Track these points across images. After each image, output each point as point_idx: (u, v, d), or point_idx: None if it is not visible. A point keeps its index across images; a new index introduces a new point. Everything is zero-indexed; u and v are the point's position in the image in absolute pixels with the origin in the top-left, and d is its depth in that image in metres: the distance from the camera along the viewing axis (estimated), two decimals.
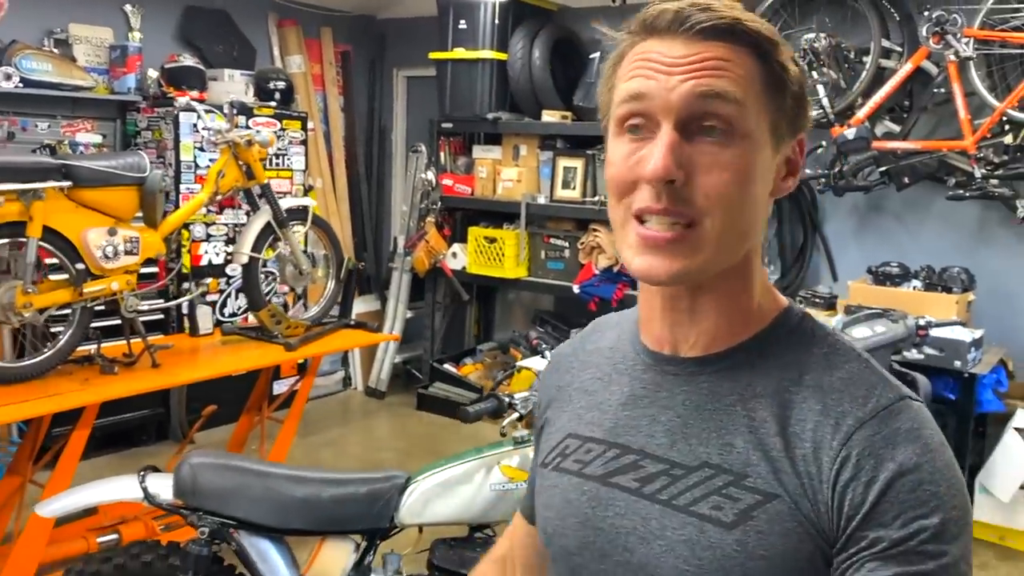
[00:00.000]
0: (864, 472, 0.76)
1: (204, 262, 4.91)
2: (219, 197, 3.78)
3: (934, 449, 0.78)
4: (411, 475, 2.30)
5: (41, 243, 3.08)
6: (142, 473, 2.22)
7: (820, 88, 4.42)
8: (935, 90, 4.26)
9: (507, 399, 2.27)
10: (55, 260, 3.24)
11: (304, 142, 5.37)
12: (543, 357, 2.57)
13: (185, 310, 4.43)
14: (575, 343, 1.07)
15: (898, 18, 4.38)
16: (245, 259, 3.79)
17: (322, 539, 2.26)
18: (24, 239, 3.05)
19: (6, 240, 3.07)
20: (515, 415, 2.26)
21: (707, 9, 0.81)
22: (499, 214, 5.50)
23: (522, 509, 1.12)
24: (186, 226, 4.64)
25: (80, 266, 3.22)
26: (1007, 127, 4.08)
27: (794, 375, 0.84)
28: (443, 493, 2.27)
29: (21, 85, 4.30)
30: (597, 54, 5.09)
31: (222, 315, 5.00)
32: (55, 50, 4.59)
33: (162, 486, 2.20)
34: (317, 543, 2.27)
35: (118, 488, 2.28)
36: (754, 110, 0.81)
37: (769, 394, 0.83)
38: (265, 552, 2.22)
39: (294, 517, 2.21)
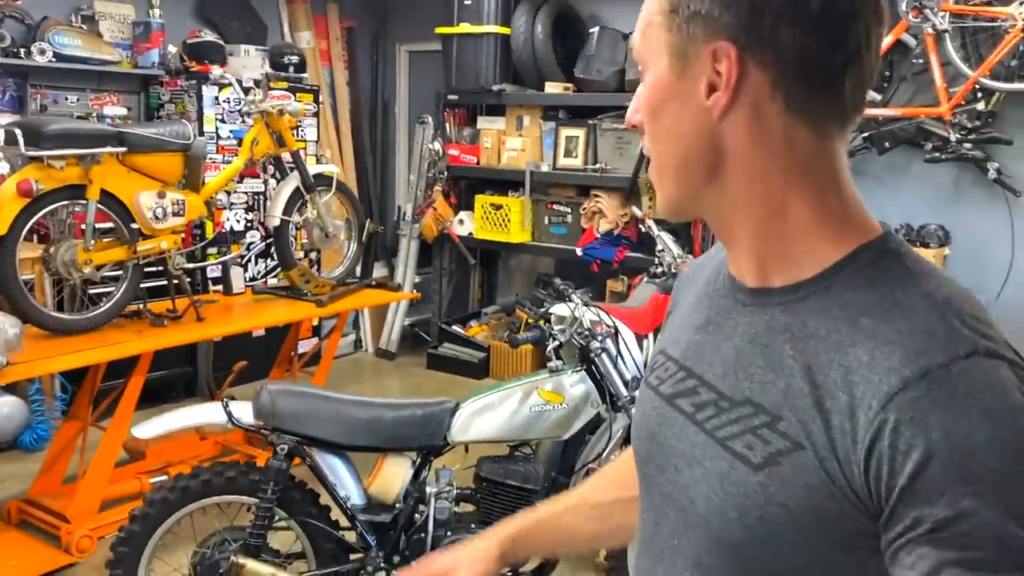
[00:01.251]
0: (903, 440, 0.68)
1: (226, 228, 5.16)
2: (253, 163, 4.05)
3: (998, 416, 0.67)
4: (460, 400, 2.61)
5: (99, 205, 3.34)
6: (225, 400, 2.50)
7: None
8: (914, 60, 4.58)
9: (548, 329, 2.57)
10: (108, 223, 3.51)
11: (316, 114, 5.62)
12: (570, 300, 2.87)
13: (214, 273, 4.71)
14: (706, 256, 1.02)
15: None
16: (277, 221, 4.06)
17: (383, 456, 2.56)
18: (83, 201, 3.31)
19: (66, 202, 3.33)
20: (555, 343, 2.56)
21: None
22: (504, 182, 5.79)
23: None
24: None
25: (133, 226, 3.48)
26: (980, 94, 4.42)
27: (853, 317, 0.75)
28: (488, 414, 2.58)
29: (54, 59, 4.52)
30: (596, 28, 5.36)
31: (244, 279, 5.25)
32: (83, 26, 4.80)
33: (243, 411, 2.49)
34: (379, 460, 2.57)
35: (205, 412, 2.57)
36: (650, 45, 0.82)
37: (820, 336, 0.76)
38: (334, 466, 2.53)
39: (359, 436, 2.51)
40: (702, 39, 0.77)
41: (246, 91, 4.15)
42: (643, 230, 4.79)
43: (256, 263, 5.37)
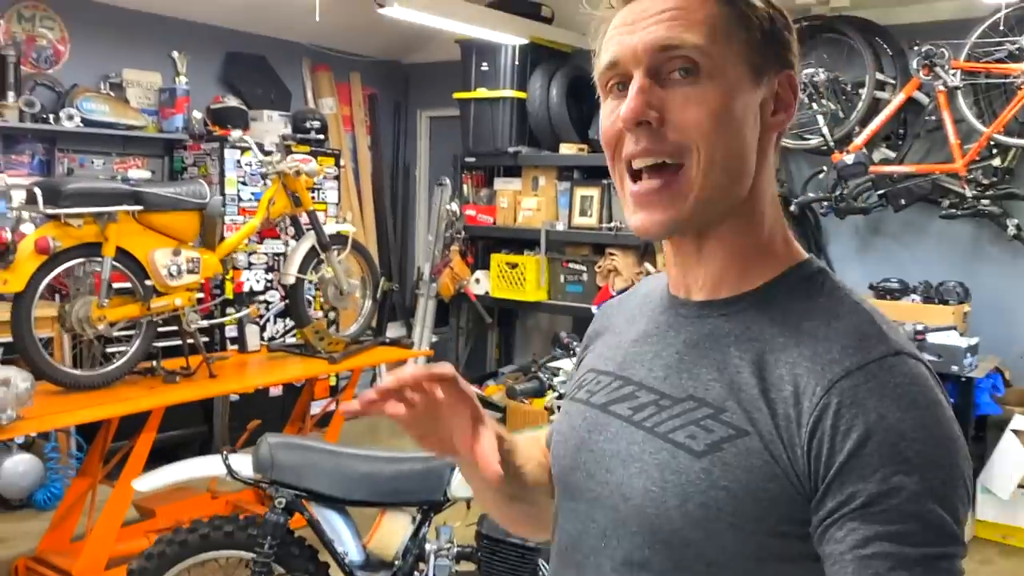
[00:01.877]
0: (843, 421, 0.75)
1: (245, 288, 5.23)
2: (270, 223, 4.12)
3: (924, 406, 0.75)
4: None
5: (114, 262, 3.41)
6: (225, 452, 2.50)
7: (820, 118, 4.76)
8: (927, 118, 4.59)
9: (547, 381, 2.55)
10: (126, 284, 3.56)
11: (337, 177, 5.72)
12: (573, 355, 2.86)
13: (232, 332, 4.76)
14: (622, 295, 1.10)
15: (891, 53, 4.73)
16: (292, 279, 4.11)
17: (383, 511, 2.53)
18: (99, 258, 3.38)
19: (82, 259, 3.39)
20: (555, 394, 2.54)
21: None
22: (520, 241, 5.84)
23: (545, 436, 1.12)
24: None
25: (148, 283, 3.53)
26: (995, 150, 4.40)
27: (793, 322, 0.84)
28: None
29: (81, 125, 4.67)
30: None
31: (261, 339, 5.30)
32: (111, 93, 4.97)
33: (243, 463, 2.48)
34: (378, 515, 2.54)
35: (204, 465, 2.56)
36: (722, 48, 0.83)
37: (764, 338, 0.84)
38: (333, 522, 2.50)
39: (359, 490, 2.49)
40: (777, 63, 0.87)
41: (266, 154, 4.25)
42: None
43: (275, 322, 5.42)
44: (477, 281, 5.90)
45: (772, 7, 0.87)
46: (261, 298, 5.31)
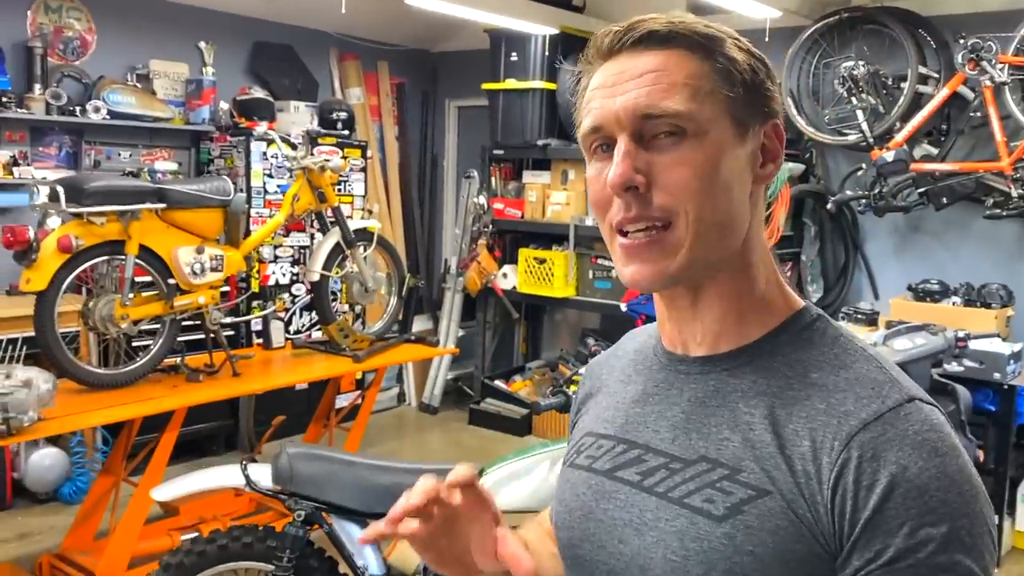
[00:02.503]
0: (865, 476, 0.73)
1: (271, 282, 5.20)
2: (295, 219, 4.07)
3: (944, 453, 0.74)
4: (484, 466, 2.51)
5: (137, 260, 3.37)
6: (244, 463, 2.45)
7: (859, 113, 4.61)
8: (971, 114, 4.42)
9: (574, 395, 2.47)
10: (147, 277, 3.54)
11: (364, 169, 5.66)
12: None
13: (258, 326, 4.73)
14: (609, 352, 1.08)
15: (934, 46, 4.56)
16: (316, 276, 4.06)
17: None
18: (122, 256, 3.35)
19: (105, 257, 3.37)
20: None
21: (644, 22, 0.84)
22: (548, 236, 5.74)
23: (549, 515, 1.07)
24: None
25: (171, 281, 3.50)
26: None
27: (800, 373, 0.82)
28: (512, 483, 2.47)
29: (108, 117, 4.64)
30: None
31: (287, 332, 5.27)
32: (137, 84, 4.94)
33: (262, 474, 2.43)
34: None
35: (223, 475, 2.52)
36: (705, 108, 0.82)
37: (773, 392, 0.82)
38: (353, 534, 2.44)
39: (379, 502, 2.42)
40: (760, 115, 0.85)
41: (293, 147, 4.19)
42: None
43: (301, 316, 5.39)
44: (504, 276, 5.83)
45: (753, 57, 0.86)
46: (286, 293, 5.27)
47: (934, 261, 4.80)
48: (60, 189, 3.16)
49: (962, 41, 4.29)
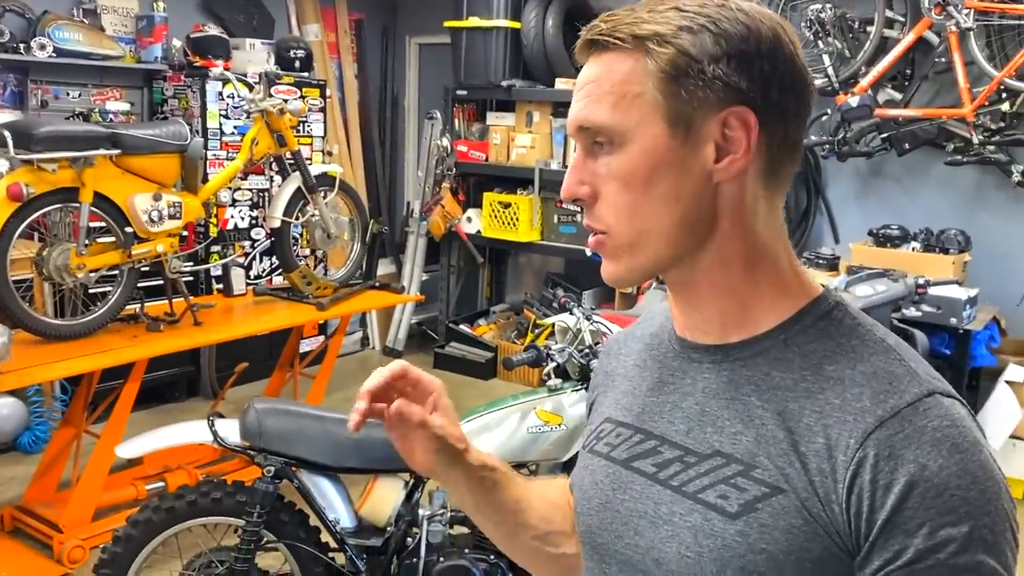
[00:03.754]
0: (883, 475, 0.72)
1: (230, 227, 5.09)
2: (253, 164, 3.97)
3: (965, 450, 0.72)
4: None
5: (92, 208, 3.27)
6: (211, 418, 2.42)
7: (825, 57, 4.59)
8: (936, 59, 4.42)
9: (545, 350, 2.47)
10: (102, 224, 3.43)
11: (323, 109, 5.53)
12: (571, 314, 2.77)
13: (217, 272, 4.64)
14: (628, 330, 1.06)
15: None
16: (277, 223, 3.98)
17: (374, 477, 2.48)
18: (76, 204, 3.24)
19: (59, 205, 3.25)
20: (552, 364, 2.47)
21: (593, 27, 0.83)
22: (513, 180, 5.68)
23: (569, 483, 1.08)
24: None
25: (128, 230, 3.40)
26: (1004, 95, 4.26)
27: (815, 365, 0.80)
28: (484, 435, 2.48)
29: (54, 55, 4.44)
30: None
31: (248, 278, 5.18)
32: (84, 20, 4.72)
33: (229, 429, 2.41)
34: (370, 481, 2.48)
35: (189, 431, 2.49)
36: (632, 112, 0.80)
37: (787, 385, 0.80)
38: (323, 489, 2.44)
39: (349, 456, 2.42)
40: (715, 104, 0.79)
41: (249, 87, 4.06)
42: None
43: (261, 261, 5.30)
44: (469, 220, 5.78)
45: (725, 42, 0.78)
46: (246, 237, 5.17)
47: (894, 206, 4.85)
48: (7, 134, 3.03)
49: None
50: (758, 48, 0.79)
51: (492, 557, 2.44)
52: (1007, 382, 4.10)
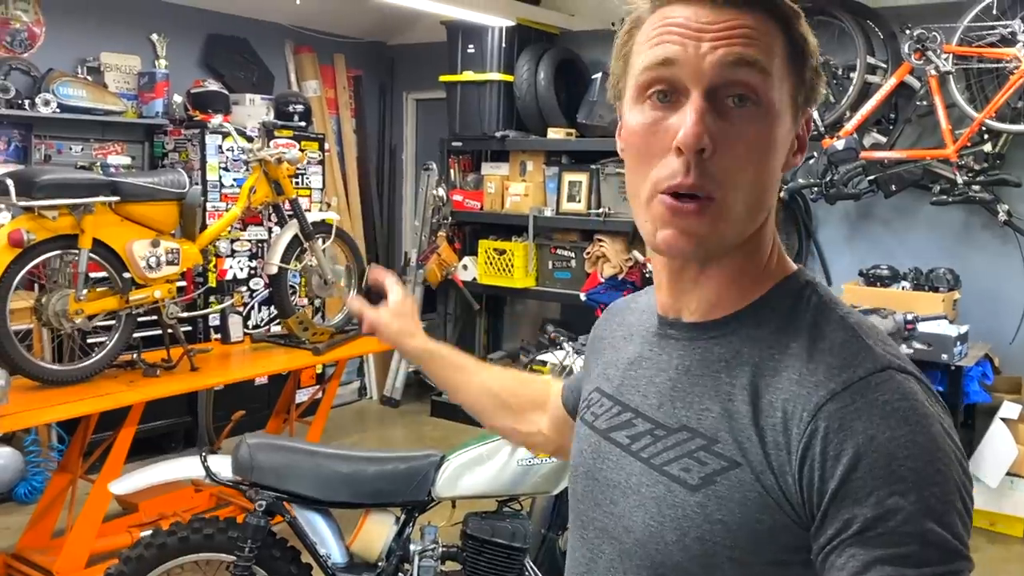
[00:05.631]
0: (832, 446, 0.73)
1: (229, 276, 5.15)
2: (251, 212, 4.04)
3: (914, 422, 0.73)
4: (446, 453, 2.53)
5: (91, 254, 3.33)
6: (203, 454, 2.44)
7: None
8: (918, 103, 4.53)
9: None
10: (101, 272, 3.49)
11: (321, 162, 5.63)
12: (561, 349, 2.81)
13: (215, 321, 4.69)
14: (626, 300, 1.08)
15: (882, 36, 4.66)
16: (275, 269, 4.04)
17: (366, 512, 2.49)
18: (75, 251, 3.30)
19: (58, 252, 3.31)
20: None
21: None
22: (508, 227, 5.77)
23: (563, 387, 1.22)
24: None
25: (126, 275, 3.46)
26: (986, 136, 4.35)
27: (782, 342, 0.82)
28: (474, 469, 2.50)
29: (58, 110, 4.56)
30: (599, 74, 5.37)
31: (246, 327, 5.22)
32: (88, 77, 4.86)
33: (222, 465, 2.42)
34: (361, 516, 2.49)
35: (182, 467, 2.51)
36: (778, 80, 0.80)
37: (754, 362, 0.82)
38: (315, 523, 2.45)
39: (341, 491, 2.44)
40: (804, 103, 0.85)
41: (248, 139, 4.15)
42: (646, 275, 4.74)
43: (259, 310, 5.35)
44: (465, 267, 5.84)
45: (814, 40, 0.85)
46: (244, 287, 5.22)
47: (884, 247, 4.91)
48: (9, 182, 3.10)
49: (908, 31, 4.38)
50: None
51: None
52: (1002, 419, 4.10)
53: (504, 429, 1.30)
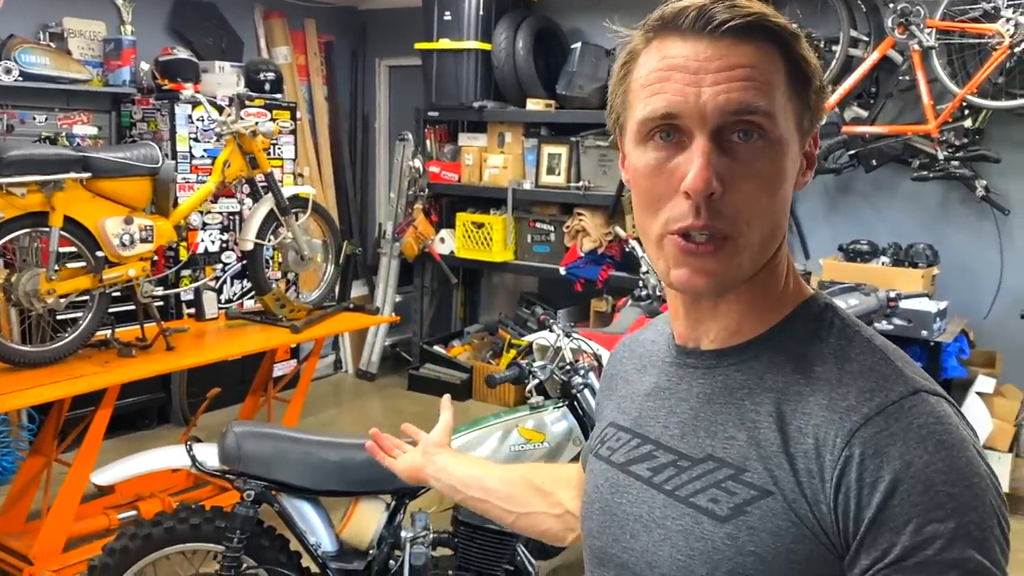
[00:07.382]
0: (868, 473, 0.72)
1: (200, 250, 5.04)
2: (225, 186, 3.93)
3: (951, 446, 0.72)
4: None
5: (62, 232, 3.21)
6: (188, 443, 2.38)
7: None
8: (900, 77, 4.52)
9: (527, 367, 2.46)
10: (72, 249, 3.38)
11: (293, 131, 5.50)
12: (551, 331, 2.77)
13: (188, 296, 4.58)
14: (635, 335, 1.07)
15: (865, 10, 4.63)
16: (250, 245, 3.94)
17: (355, 500, 2.45)
18: (46, 229, 3.18)
19: (28, 230, 3.20)
20: (535, 381, 2.46)
21: (732, 6, 0.77)
22: (486, 200, 5.69)
23: (581, 457, 1.16)
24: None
25: (99, 254, 3.35)
26: (967, 112, 4.36)
27: (806, 368, 0.80)
28: (465, 454, 2.46)
29: (20, 79, 4.38)
30: (578, 44, 5.28)
31: (219, 302, 5.12)
32: (51, 44, 4.67)
33: (208, 454, 2.37)
34: (351, 504, 2.45)
35: (167, 456, 2.44)
36: (781, 111, 0.78)
37: (778, 388, 0.80)
38: (304, 512, 2.41)
39: (330, 479, 2.39)
40: (812, 121, 0.83)
41: (219, 110, 4.03)
42: (627, 250, 4.71)
43: (232, 284, 5.25)
44: (442, 240, 5.77)
45: (815, 57, 0.83)
46: (217, 261, 5.11)
47: (863, 222, 4.93)
48: None
49: (892, 5, 4.36)
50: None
51: None
52: (977, 393, 4.16)
53: (537, 517, 1.22)
